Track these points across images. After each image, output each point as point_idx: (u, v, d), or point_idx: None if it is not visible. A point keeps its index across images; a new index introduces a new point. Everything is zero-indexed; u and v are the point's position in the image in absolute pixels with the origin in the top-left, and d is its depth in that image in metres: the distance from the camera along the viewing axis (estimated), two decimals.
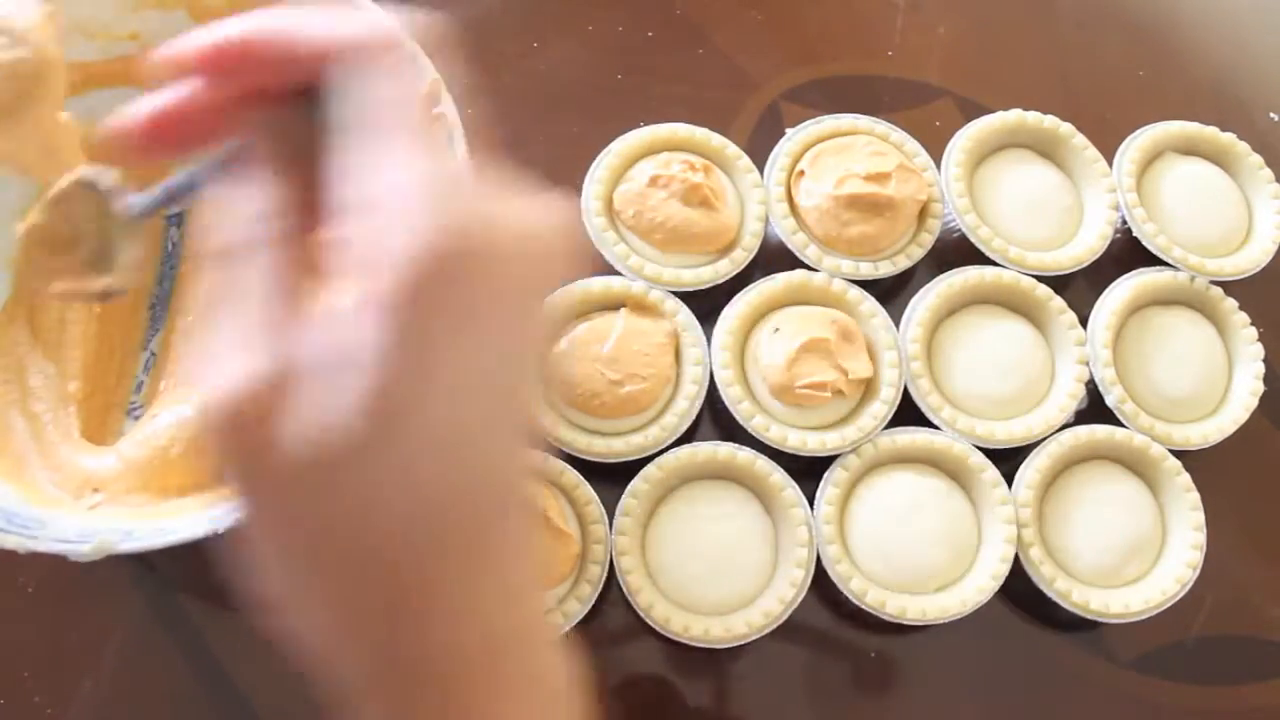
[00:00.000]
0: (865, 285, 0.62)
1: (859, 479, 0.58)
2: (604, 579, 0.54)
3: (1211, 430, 0.61)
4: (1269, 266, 0.65)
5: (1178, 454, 0.59)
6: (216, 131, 0.26)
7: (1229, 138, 0.68)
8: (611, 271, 0.61)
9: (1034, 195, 0.65)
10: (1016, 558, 0.56)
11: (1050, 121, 0.66)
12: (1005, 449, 0.59)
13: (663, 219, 0.60)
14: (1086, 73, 0.75)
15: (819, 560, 0.56)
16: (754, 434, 0.58)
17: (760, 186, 0.63)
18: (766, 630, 0.54)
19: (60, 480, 0.52)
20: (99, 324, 0.58)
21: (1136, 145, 0.66)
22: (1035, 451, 0.59)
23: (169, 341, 0.60)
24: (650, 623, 0.54)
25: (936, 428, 0.59)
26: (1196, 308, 0.64)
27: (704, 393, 0.58)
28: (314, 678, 0.25)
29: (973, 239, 0.63)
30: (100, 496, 0.52)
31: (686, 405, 0.58)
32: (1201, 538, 0.57)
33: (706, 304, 0.60)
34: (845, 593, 0.55)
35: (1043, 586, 0.56)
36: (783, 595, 0.54)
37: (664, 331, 0.59)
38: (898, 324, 0.61)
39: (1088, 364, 0.61)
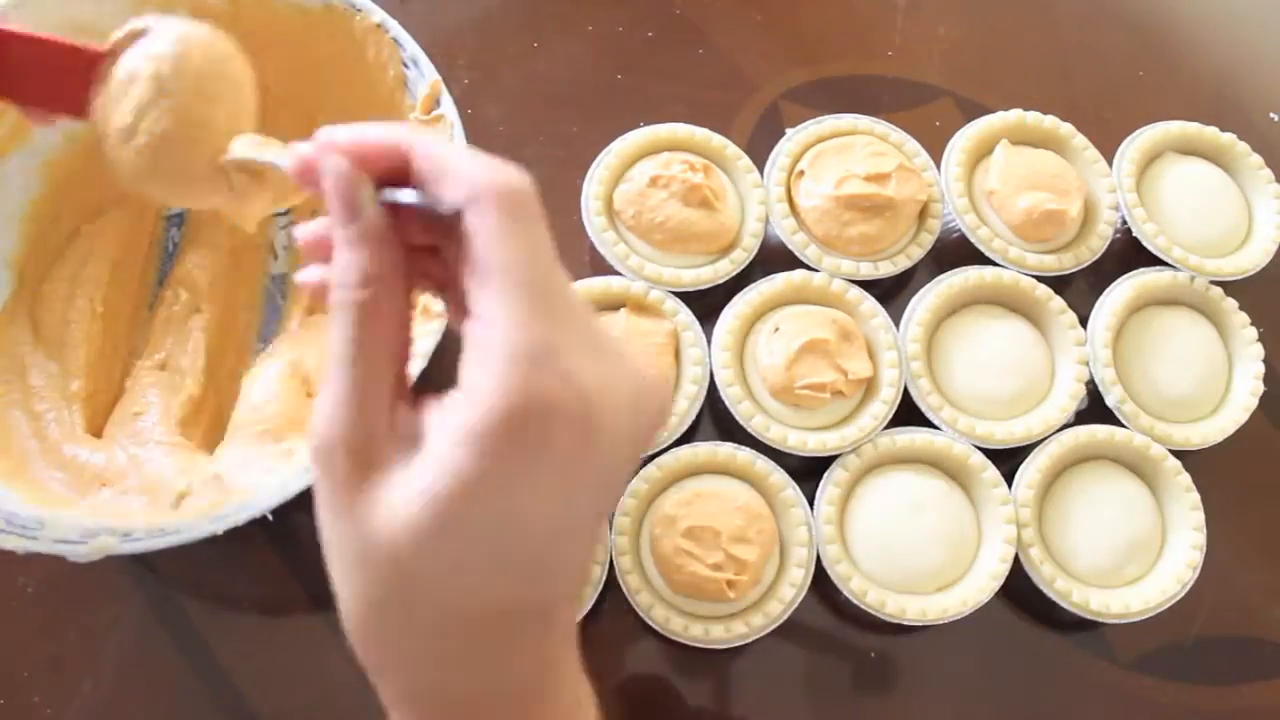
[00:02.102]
0: (865, 285, 0.62)
1: (859, 479, 0.58)
2: (604, 579, 0.54)
3: (1211, 430, 0.61)
4: (1269, 266, 0.65)
5: (1178, 454, 0.59)
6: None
7: (1229, 138, 0.68)
8: (611, 271, 0.61)
9: None
10: (1016, 558, 0.56)
11: (1050, 121, 0.66)
12: (1005, 449, 0.59)
13: (663, 219, 0.60)
14: (1086, 73, 0.75)
15: (819, 560, 0.56)
16: (754, 434, 0.58)
17: (760, 186, 0.63)
18: (766, 630, 0.54)
19: (68, 479, 0.52)
20: (101, 322, 0.58)
21: (1136, 145, 0.66)
22: (1035, 451, 0.59)
23: (153, 328, 0.60)
24: (650, 623, 0.54)
25: (936, 428, 0.59)
26: (1196, 308, 0.64)
27: (704, 393, 0.58)
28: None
29: (973, 239, 0.63)
30: (109, 492, 0.52)
31: (686, 405, 0.58)
32: (1201, 538, 0.57)
33: (706, 304, 0.60)
34: (845, 593, 0.55)
35: (1043, 586, 0.56)
36: (782, 595, 0.54)
37: (664, 331, 0.59)
38: (898, 324, 0.61)
39: (1088, 364, 0.61)
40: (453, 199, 0.27)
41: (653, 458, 0.56)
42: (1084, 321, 0.62)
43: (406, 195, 0.28)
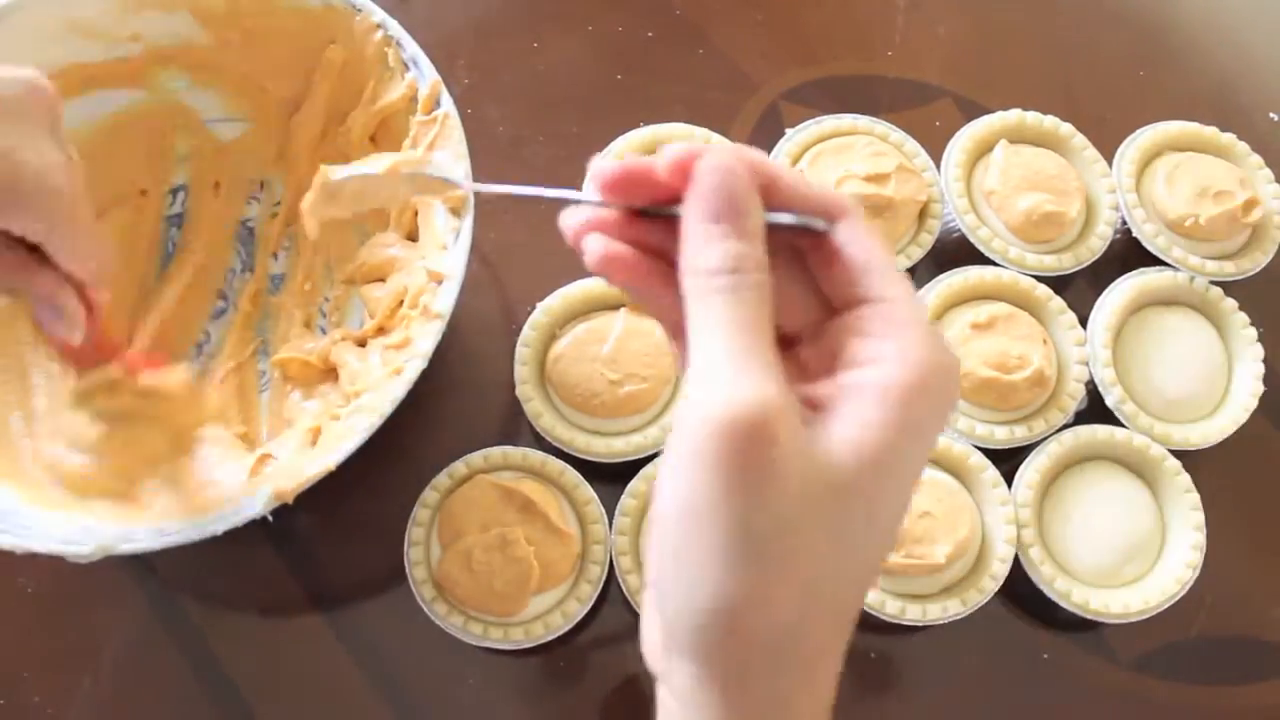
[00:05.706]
0: None
1: None
2: (604, 579, 0.54)
3: (1211, 430, 0.60)
4: (1269, 266, 0.65)
5: (1178, 454, 0.59)
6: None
7: (1229, 138, 0.68)
8: None
9: None
10: (1016, 558, 0.56)
11: (1050, 121, 0.66)
12: (1005, 449, 0.59)
13: None
14: (1086, 73, 0.75)
15: None
16: None
17: None
18: None
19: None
20: None
21: (1136, 145, 0.66)
22: (1035, 451, 0.59)
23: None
24: None
25: None
26: (1196, 308, 0.64)
27: None
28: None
29: (972, 239, 0.63)
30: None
31: None
32: (1201, 538, 0.57)
33: None
34: None
35: (1043, 586, 0.56)
36: None
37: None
38: None
39: (1088, 364, 0.61)
40: (825, 217, 0.31)
41: (652, 457, 0.56)
42: (1084, 321, 0.62)
43: (784, 217, 0.31)
